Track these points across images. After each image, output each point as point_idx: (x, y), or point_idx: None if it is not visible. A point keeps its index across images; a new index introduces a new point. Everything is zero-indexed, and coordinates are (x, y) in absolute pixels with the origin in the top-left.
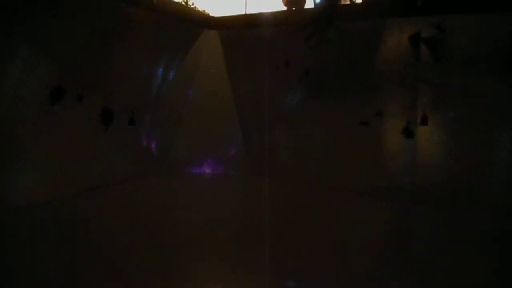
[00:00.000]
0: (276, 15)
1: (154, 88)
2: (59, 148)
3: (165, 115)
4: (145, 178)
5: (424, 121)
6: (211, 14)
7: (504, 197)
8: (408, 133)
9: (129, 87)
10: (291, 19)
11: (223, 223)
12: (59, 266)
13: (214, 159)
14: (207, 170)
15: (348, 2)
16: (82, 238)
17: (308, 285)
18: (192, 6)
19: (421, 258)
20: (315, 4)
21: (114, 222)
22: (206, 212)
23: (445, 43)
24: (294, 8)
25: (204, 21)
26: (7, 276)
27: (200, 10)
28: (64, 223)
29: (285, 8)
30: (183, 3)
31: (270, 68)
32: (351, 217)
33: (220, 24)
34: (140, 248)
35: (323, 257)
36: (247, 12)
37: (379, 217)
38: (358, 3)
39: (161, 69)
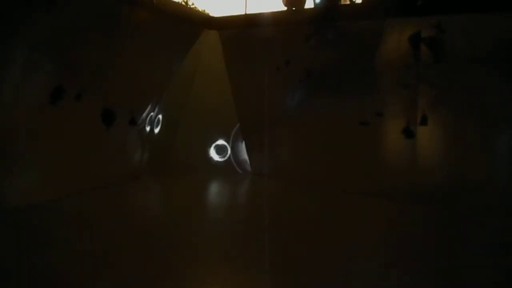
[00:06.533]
0: (276, 15)
1: (154, 88)
2: (59, 148)
3: (165, 115)
4: (145, 178)
5: (424, 122)
6: (211, 14)
7: (504, 197)
8: (409, 133)
9: (129, 87)
10: (291, 19)
11: (223, 222)
12: (58, 266)
13: (214, 159)
14: (207, 169)
15: (348, 2)
16: (82, 238)
17: (308, 285)
18: (192, 6)
19: (421, 258)
20: (315, 4)
21: (114, 222)
22: (206, 212)
23: (445, 43)
24: (294, 8)
25: (204, 21)
26: (7, 276)
27: (200, 10)
28: (64, 223)
29: (285, 8)
30: (183, 3)
31: (270, 68)
32: (351, 217)
33: (220, 24)
34: (140, 248)
35: (323, 256)
36: (247, 12)
37: (379, 217)
38: (358, 3)
39: (161, 69)
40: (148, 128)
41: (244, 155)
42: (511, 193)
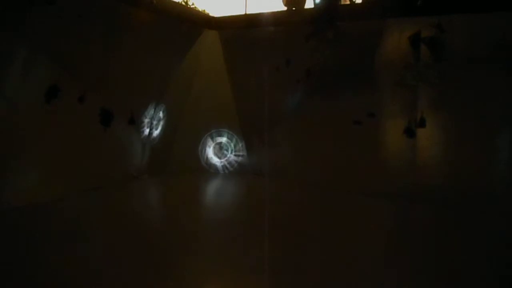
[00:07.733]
0: (276, 15)
1: (154, 88)
2: (59, 148)
3: (165, 114)
4: (145, 178)
5: (422, 124)
6: (211, 14)
7: (504, 197)
8: (410, 133)
9: (129, 87)
10: (291, 19)
11: (223, 222)
12: (58, 266)
13: (214, 159)
14: (207, 169)
15: (348, 2)
16: (82, 238)
17: (308, 285)
18: (192, 6)
19: (421, 258)
20: (315, 4)
21: (113, 222)
22: (206, 211)
23: (445, 43)
24: (294, 8)
25: (204, 21)
26: (7, 276)
27: (200, 10)
28: (63, 223)
29: (285, 8)
30: (183, 3)
31: (270, 68)
32: (351, 217)
33: (220, 24)
34: (140, 248)
35: (323, 257)
36: (247, 12)
37: (379, 217)
38: (358, 3)
39: (161, 69)
40: (148, 128)
41: (244, 155)
42: (511, 193)
